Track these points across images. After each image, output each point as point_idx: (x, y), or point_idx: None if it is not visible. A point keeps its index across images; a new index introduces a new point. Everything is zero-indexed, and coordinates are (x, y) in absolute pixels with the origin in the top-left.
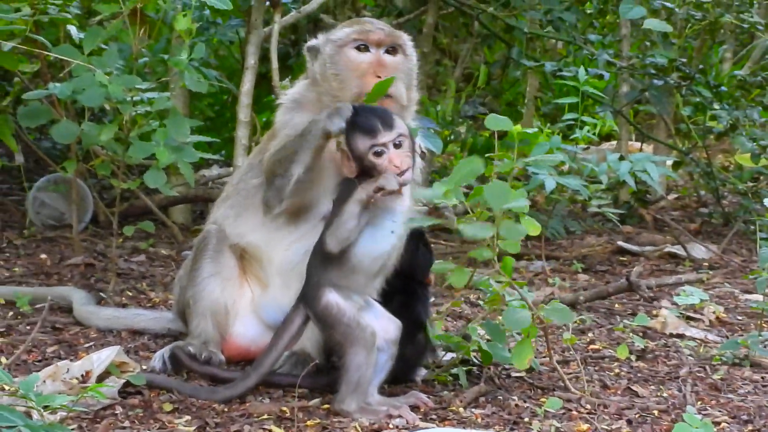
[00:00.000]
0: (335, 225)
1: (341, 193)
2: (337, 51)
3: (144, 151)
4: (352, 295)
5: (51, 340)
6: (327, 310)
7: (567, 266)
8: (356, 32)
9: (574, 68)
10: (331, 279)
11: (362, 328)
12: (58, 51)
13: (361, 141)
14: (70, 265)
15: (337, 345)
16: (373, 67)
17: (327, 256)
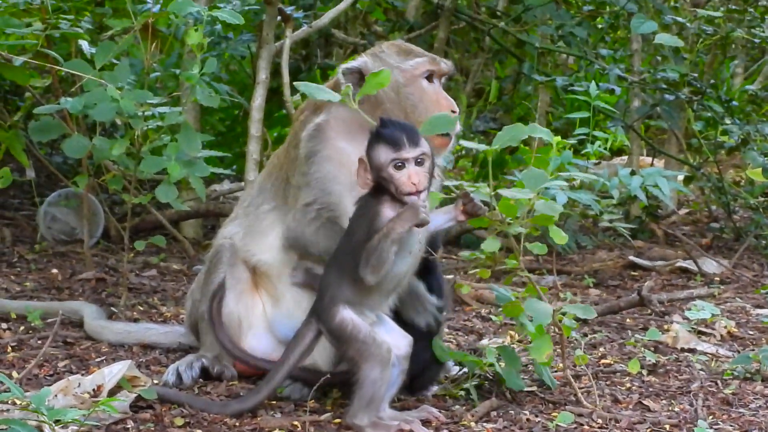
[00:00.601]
0: (374, 263)
1: (360, 214)
2: (411, 80)
3: (155, 165)
4: (366, 311)
5: (62, 355)
6: (342, 326)
7: (578, 281)
8: (429, 63)
9: (586, 83)
10: (345, 296)
11: (378, 344)
12: (69, 66)
13: (383, 152)
14: (81, 279)
15: (351, 361)
16: (443, 100)
17: (343, 273)
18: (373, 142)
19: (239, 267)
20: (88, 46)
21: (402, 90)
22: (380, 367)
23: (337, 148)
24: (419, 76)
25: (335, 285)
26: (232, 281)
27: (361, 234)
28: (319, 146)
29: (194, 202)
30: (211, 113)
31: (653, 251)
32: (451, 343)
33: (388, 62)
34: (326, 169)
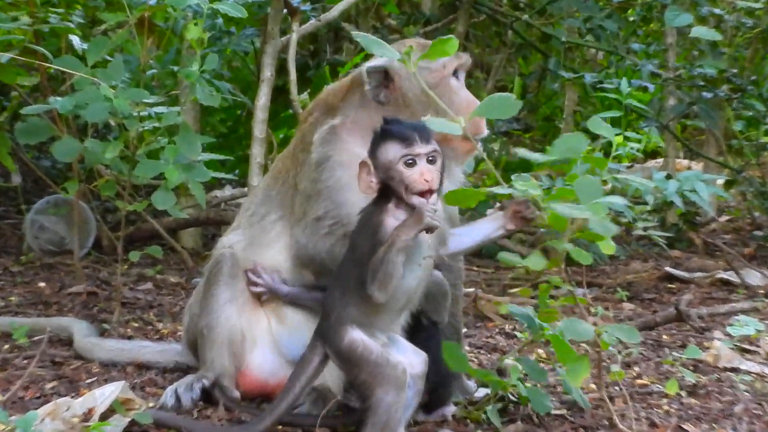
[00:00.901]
0: (381, 277)
1: (362, 226)
2: (441, 80)
3: (152, 170)
4: (376, 332)
5: (50, 375)
6: (351, 348)
7: (611, 294)
8: (455, 59)
9: (616, 80)
10: (352, 316)
11: (392, 365)
12: (59, 63)
13: (393, 148)
14: (70, 293)
15: (363, 385)
16: (470, 96)
17: (348, 292)
18: (380, 140)
19: (241, 279)
20: (79, 41)
21: (433, 91)
22: (395, 390)
23: (353, 153)
24: (447, 76)
25: (341, 305)
26: (234, 293)
27: (365, 247)
28: (332, 151)
29: (193, 209)
30: (211, 113)
31: (691, 262)
32: (472, 362)
33: (426, 64)
34: (339, 176)
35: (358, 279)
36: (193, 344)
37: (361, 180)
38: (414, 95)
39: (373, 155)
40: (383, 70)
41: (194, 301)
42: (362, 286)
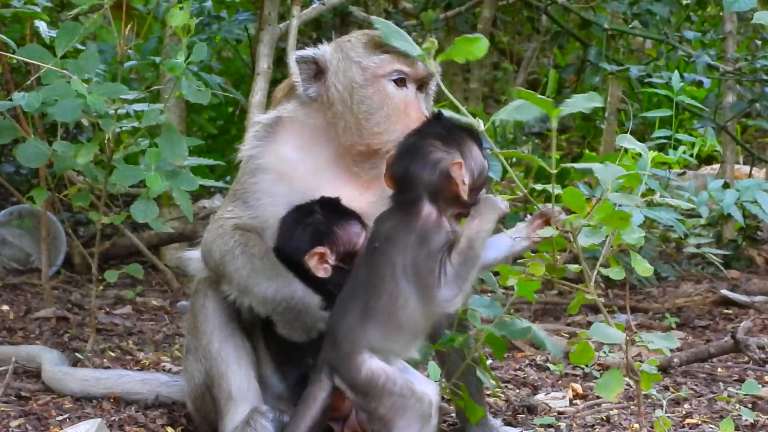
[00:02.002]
0: (461, 279)
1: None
2: (370, 82)
3: (131, 177)
4: (391, 358)
5: (16, 412)
6: (373, 379)
7: (658, 320)
8: (396, 61)
9: (667, 73)
10: (369, 342)
11: (418, 397)
12: (23, 52)
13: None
14: (38, 318)
15: (382, 419)
16: (412, 111)
17: (367, 314)
18: (472, 139)
19: (223, 308)
20: (46, 27)
21: (357, 92)
22: (419, 424)
23: (279, 156)
24: (383, 78)
25: (358, 329)
26: (224, 331)
27: (421, 256)
28: (256, 150)
29: (178, 222)
30: (199, 111)
31: (751, 284)
32: (499, 398)
33: (350, 56)
34: (256, 180)
35: (389, 298)
36: (204, 408)
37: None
38: (337, 93)
39: (465, 153)
40: (313, 61)
41: (190, 350)
42: (386, 306)
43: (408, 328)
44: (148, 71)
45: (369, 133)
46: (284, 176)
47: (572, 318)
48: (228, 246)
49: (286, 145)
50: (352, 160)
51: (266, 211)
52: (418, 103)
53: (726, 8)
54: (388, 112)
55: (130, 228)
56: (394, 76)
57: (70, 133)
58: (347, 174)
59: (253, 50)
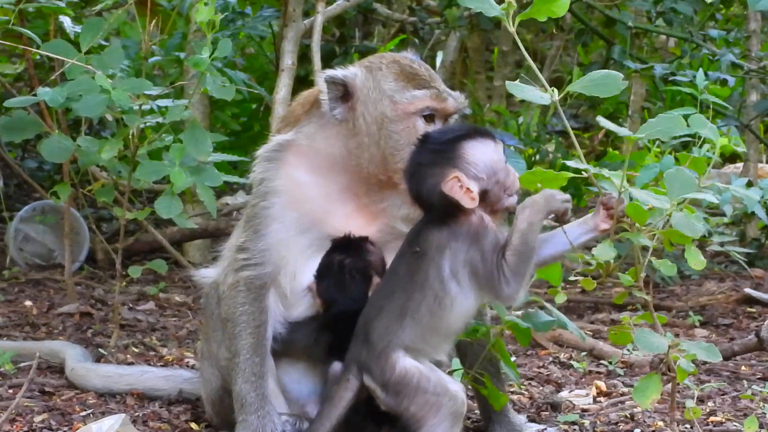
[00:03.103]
0: (521, 270)
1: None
2: (401, 118)
3: (155, 172)
4: (421, 359)
5: (39, 407)
6: (407, 377)
7: (681, 319)
8: (430, 98)
9: (691, 72)
10: (404, 341)
11: (451, 395)
12: (47, 48)
13: (492, 148)
14: (61, 314)
15: (413, 418)
16: None
17: (404, 313)
18: (475, 144)
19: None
20: (70, 23)
21: (387, 126)
22: (451, 420)
23: (292, 179)
24: (414, 114)
25: (394, 328)
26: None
27: (473, 258)
28: (269, 173)
29: (202, 218)
30: (223, 108)
31: None
32: (523, 395)
33: (382, 87)
34: (268, 204)
35: (434, 299)
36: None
37: (461, 195)
38: (365, 123)
39: (461, 164)
40: (342, 83)
41: (206, 355)
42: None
43: (444, 329)
44: (172, 67)
45: (393, 168)
46: (295, 200)
47: (595, 316)
48: (235, 313)
49: (298, 168)
50: (365, 190)
51: (275, 238)
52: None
53: (750, 7)
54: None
55: (153, 224)
56: (425, 113)
57: (94, 128)
58: (357, 203)
59: (277, 47)
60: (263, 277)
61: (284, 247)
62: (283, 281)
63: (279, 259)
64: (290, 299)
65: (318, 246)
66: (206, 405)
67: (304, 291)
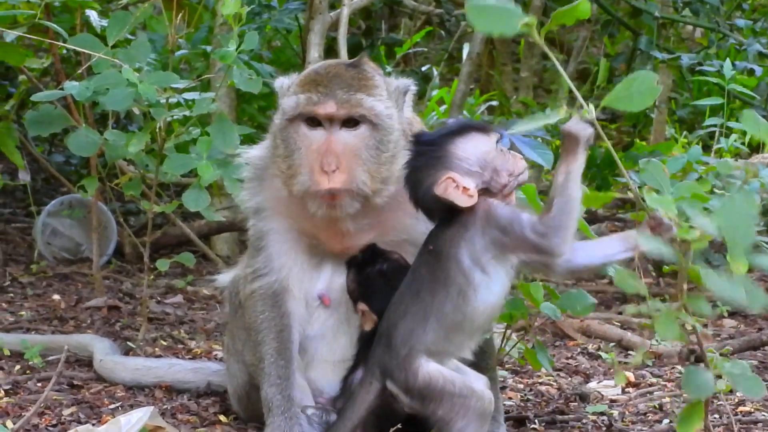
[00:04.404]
0: (568, 223)
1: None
2: (285, 125)
3: (182, 165)
4: (445, 359)
5: (68, 400)
6: (431, 383)
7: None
8: (305, 103)
9: (718, 62)
10: (426, 344)
11: (478, 396)
12: (74, 42)
13: (481, 140)
14: (89, 308)
15: (441, 421)
16: (321, 155)
17: (427, 315)
18: (457, 140)
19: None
20: (97, 17)
21: (278, 135)
22: (479, 421)
23: (273, 193)
24: (294, 121)
25: (418, 332)
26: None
27: (493, 236)
28: (253, 191)
29: (229, 211)
30: (249, 101)
31: None
32: (551, 386)
33: (284, 95)
34: (262, 218)
35: (458, 292)
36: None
37: (457, 196)
38: (271, 131)
39: (461, 159)
40: (278, 91)
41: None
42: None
43: (469, 325)
44: (199, 60)
45: (285, 177)
46: (279, 213)
47: (623, 306)
48: (256, 321)
49: (273, 182)
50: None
51: (273, 248)
52: (328, 145)
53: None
54: (299, 156)
55: (181, 217)
56: (304, 118)
57: (121, 122)
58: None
59: (303, 39)
60: (273, 286)
61: (285, 254)
62: (295, 289)
63: (284, 267)
64: (308, 308)
65: (321, 254)
66: (232, 400)
67: (316, 301)
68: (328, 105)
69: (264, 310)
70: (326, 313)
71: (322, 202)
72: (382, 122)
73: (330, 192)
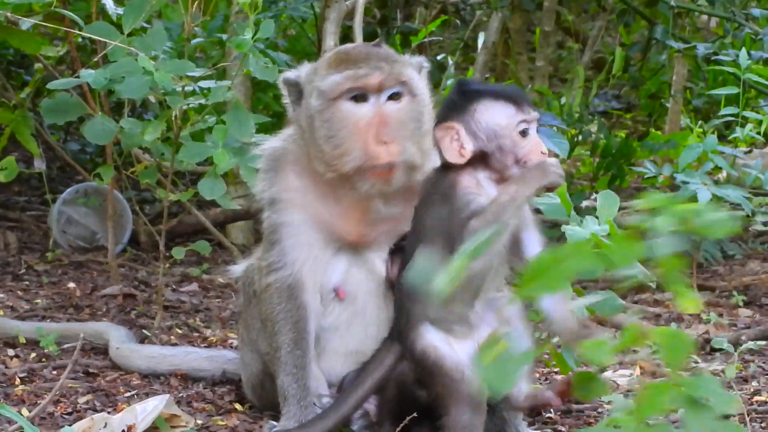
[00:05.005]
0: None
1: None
2: (326, 106)
3: (198, 154)
4: (454, 326)
5: (84, 388)
6: (425, 355)
7: (725, 299)
8: (349, 79)
9: (733, 51)
10: (427, 311)
11: (469, 381)
12: (90, 30)
13: (504, 113)
14: (104, 296)
15: (439, 398)
16: (374, 127)
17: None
18: (485, 103)
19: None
20: (113, 5)
21: (317, 118)
22: (472, 411)
23: (289, 184)
24: (338, 98)
25: (413, 299)
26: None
27: (441, 213)
28: (269, 182)
29: (244, 199)
30: (265, 89)
31: None
32: (566, 376)
33: (313, 79)
34: (277, 210)
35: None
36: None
37: (448, 148)
38: (304, 119)
39: (467, 117)
40: (295, 83)
41: (247, 340)
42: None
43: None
44: (214, 49)
45: (331, 158)
46: (295, 203)
47: (639, 295)
48: (273, 312)
49: (290, 174)
50: (336, 185)
51: (288, 241)
52: (380, 117)
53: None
54: (346, 134)
55: (197, 206)
56: (350, 94)
57: (137, 110)
58: (346, 199)
59: (319, 28)
60: (288, 279)
61: (300, 248)
62: (309, 283)
63: (298, 261)
64: (322, 301)
65: (337, 246)
66: (246, 389)
67: (331, 294)
68: (375, 76)
69: (280, 302)
70: (341, 305)
71: (376, 178)
72: (420, 93)
73: (389, 165)
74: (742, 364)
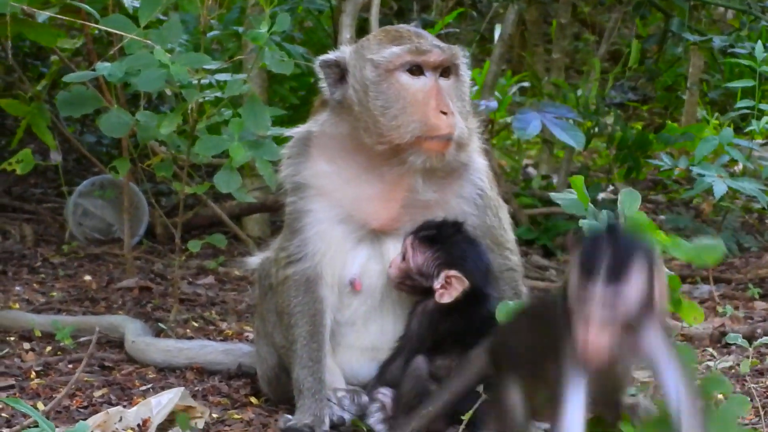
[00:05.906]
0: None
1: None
2: (384, 77)
3: (214, 147)
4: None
5: (99, 382)
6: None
7: (741, 291)
8: (409, 52)
9: (750, 44)
10: None
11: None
12: (106, 23)
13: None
14: (120, 288)
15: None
16: (431, 98)
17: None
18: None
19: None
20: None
21: (372, 89)
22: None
23: (317, 171)
24: (396, 70)
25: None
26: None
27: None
28: (295, 168)
29: (260, 192)
30: (281, 82)
31: None
32: None
33: (363, 54)
34: (302, 197)
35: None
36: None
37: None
38: (355, 93)
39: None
40: (336, 64)
41: (261, 335)
42: None
43: None
44: (230, 41)
45: (387, 129)
46: (323, 191)
47: None
48: (289, 305)
49: (319, 159)
50: (379, 166)
51: (311, 231)
52: (438, 90)
53: None
54: (404, 104)
55: (212, 198)
56: (407, 67)
57: (153, 103)
58: (377, 182)
59: (335, 21)
60: (307, 272)
61: (321, 239)
62: (328, 276)
63: (318, 253)
64: (339, 295)
65: (358, 237)
66: (262, 382)
67: (348, 287)
68: (436, 53)
69: (297, 294)
70: (358, 300)
71: (431, 151)
72: (465, 73)
73: (448, 136)
74: (758, 358)
